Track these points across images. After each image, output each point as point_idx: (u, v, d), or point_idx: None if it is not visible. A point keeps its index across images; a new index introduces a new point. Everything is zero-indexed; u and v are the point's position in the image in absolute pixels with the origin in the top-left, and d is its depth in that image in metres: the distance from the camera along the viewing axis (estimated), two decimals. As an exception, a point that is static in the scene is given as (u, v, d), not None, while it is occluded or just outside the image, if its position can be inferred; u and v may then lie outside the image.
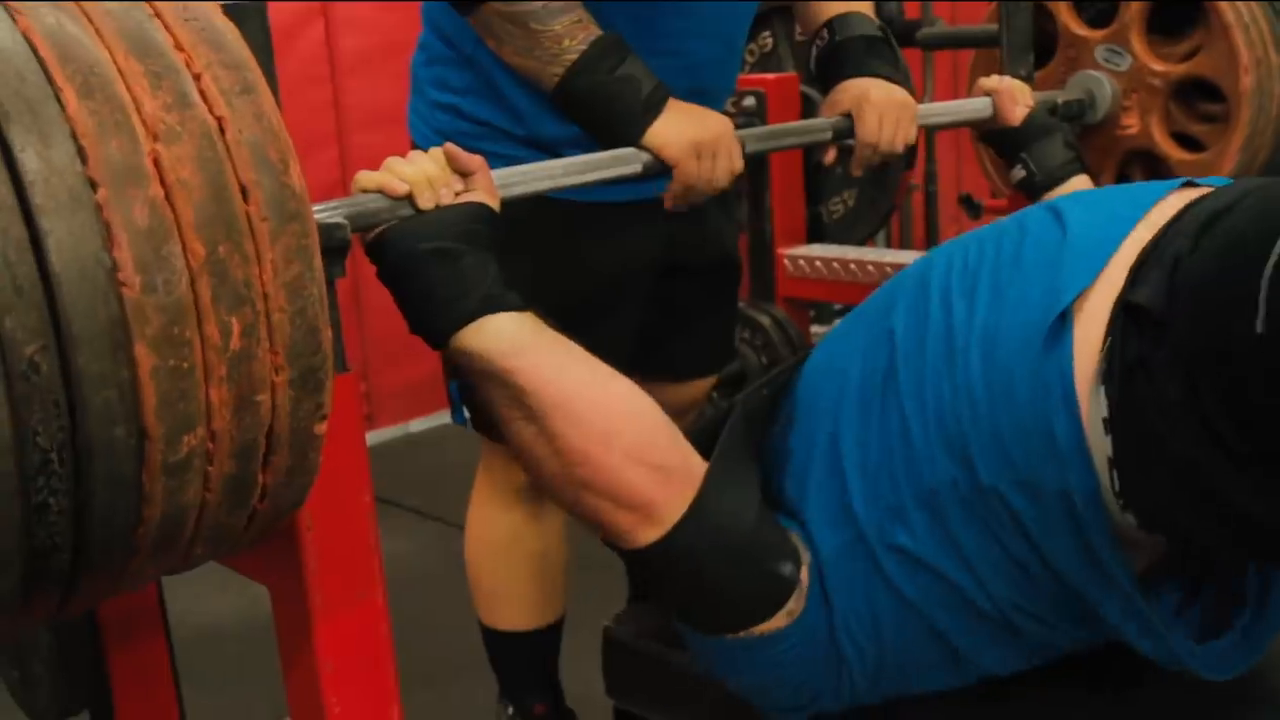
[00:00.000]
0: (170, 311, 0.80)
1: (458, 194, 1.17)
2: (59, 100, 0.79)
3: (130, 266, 0.79)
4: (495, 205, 1.20)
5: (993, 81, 1.72)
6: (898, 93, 1.58)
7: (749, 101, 2.18)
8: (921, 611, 1.14)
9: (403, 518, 3.28)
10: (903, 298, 1.21)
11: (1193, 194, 1.13)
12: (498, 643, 1.81)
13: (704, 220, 1.72)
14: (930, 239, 3.33)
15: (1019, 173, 1.70)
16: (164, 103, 0.82)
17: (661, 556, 1.14)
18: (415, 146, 1.56)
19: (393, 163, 1.17)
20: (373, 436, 3.71)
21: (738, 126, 1.44)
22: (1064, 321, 1.07)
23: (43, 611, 0.87)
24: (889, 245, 3.37)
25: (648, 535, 1.13)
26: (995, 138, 1.74)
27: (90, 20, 0.84)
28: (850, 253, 2.16)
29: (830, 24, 1.66)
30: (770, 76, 2.26)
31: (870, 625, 1.16)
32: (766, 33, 2.50)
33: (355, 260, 1.16)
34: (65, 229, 0.77)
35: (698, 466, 1.16)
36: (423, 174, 1.15)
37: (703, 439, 1.21)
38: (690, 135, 1.36)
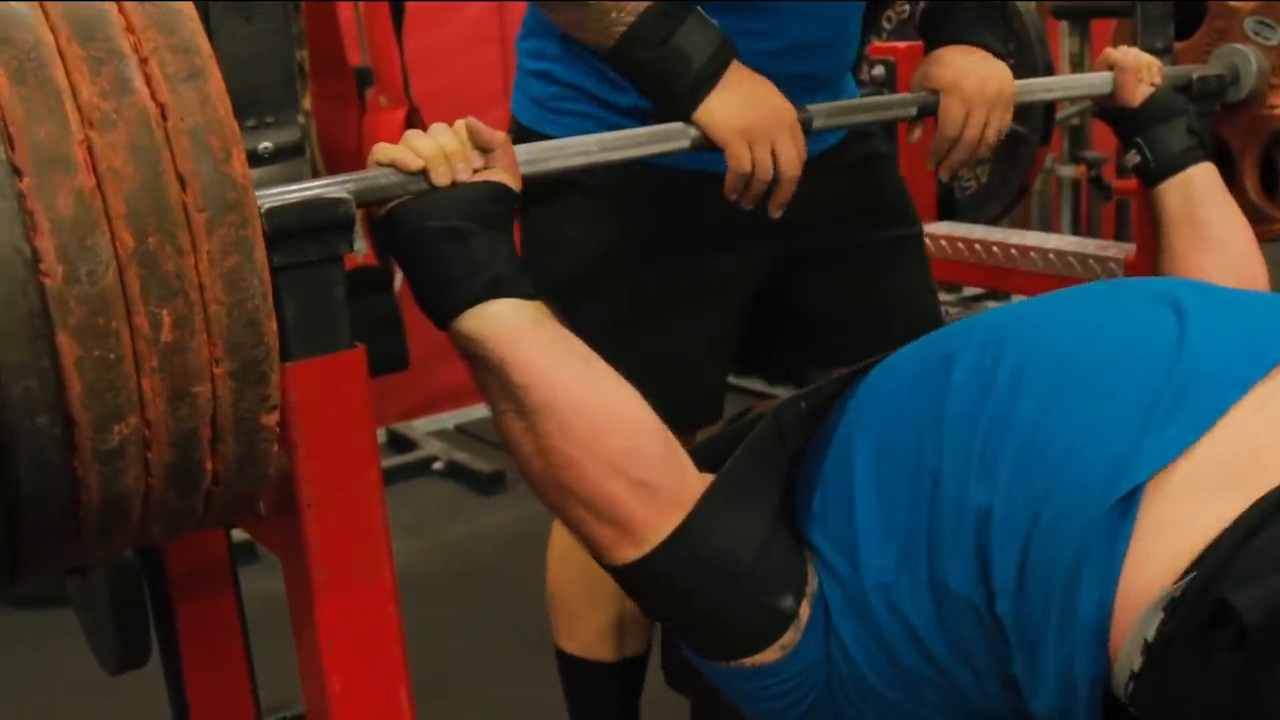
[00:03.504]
0: (94, 302, 0.80)
1: (476, 171, 1.14)
2: (-10, 85, 0.79)
3: (52, 256, 0.78)
4: (515, 184, 1.16)
5: (1118, 54, 1.58)
6: (993, 80, 1.46)
7: (878, 71, 2.08)
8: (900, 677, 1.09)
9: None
10: (970, 352, 1.13)
11: None
12: (571, 669, 1.70)
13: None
14: (1077, 222, 3.14)
15: (1134, 158, 1.57)
16: (102, 89, 0.81)
17: (642, 579, 1.10)
18: (514, 119, 1.54)
19: (411, 136, 1.14)
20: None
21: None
22: (1132, 501, 0.97)
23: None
24: (1024, 226, 3.20)
25: (626, 554, 1.09)
26: (1113, 117, 1.60)
27: (42, 7, 0.83)
28: (980, 232, 2.04)
29: None
30: (901, 45, 2.14)
31: (857, 666, 1.10)
32: (905, -3, 2.38)
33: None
34: (-15, 220, 0.77)
35: (693, 486, 1.11)
36: (440, 149, 1.12)
37: (723, 448, 1.16)
38: (743, 118, 1.28)
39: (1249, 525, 0.93)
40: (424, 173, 1.12)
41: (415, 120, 2.81)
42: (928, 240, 2.05)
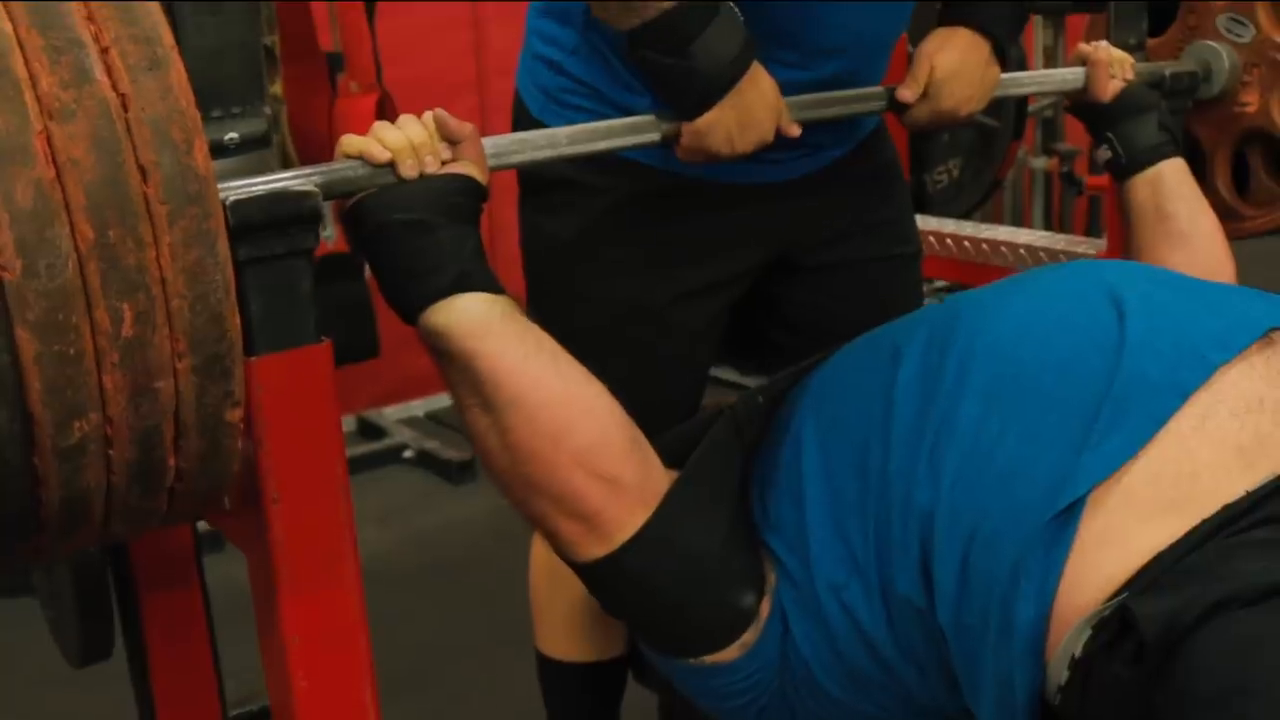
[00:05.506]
0: (54, 297, 0.78)
1: (445, 163, 1.13)
2: (-53, 76, 0.77)
3: (10, 250, 0.77)
4: (483, 176, 1.15)
5: (1090, 49, 1.58)
6: (975, 64, 1.44)
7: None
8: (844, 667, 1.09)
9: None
10: (916, 350, 1.13)
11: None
12: (550, 673, 1.67)
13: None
14: (1049, 216, 3.14)
15: (1104, 153, 1.57)
16: (61, 79, 0.80)
17: (608, 575, 1.10)
18: (518, 99, 1.52)
19: (379, 128, 1.13)
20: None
21: None
22: (1070, 515, 0.97)
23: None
24: (995, 219, 3.19)
25: (593, 551, 1.09)
26: (1085, 112, 1.60)
27: (-3, -8, 0.82)
28: (951, 226, 2.03)
29: None
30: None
31: (812, 662, 1.10)
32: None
33: (490, 205, 1.14)
34: (-61, 212, 0.75)
35: (658, 482, 1.11)
36: (408, 141, 1.11)
37: (684, 443, 1.16)
38: (733, 137, 1.27)
39: (1182, 551, 0.93)
40: (391, 165, 1.11)
41: (387, 107, 2.78)
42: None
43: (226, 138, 1.10)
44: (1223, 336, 1.03)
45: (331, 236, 3.05)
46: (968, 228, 2.00)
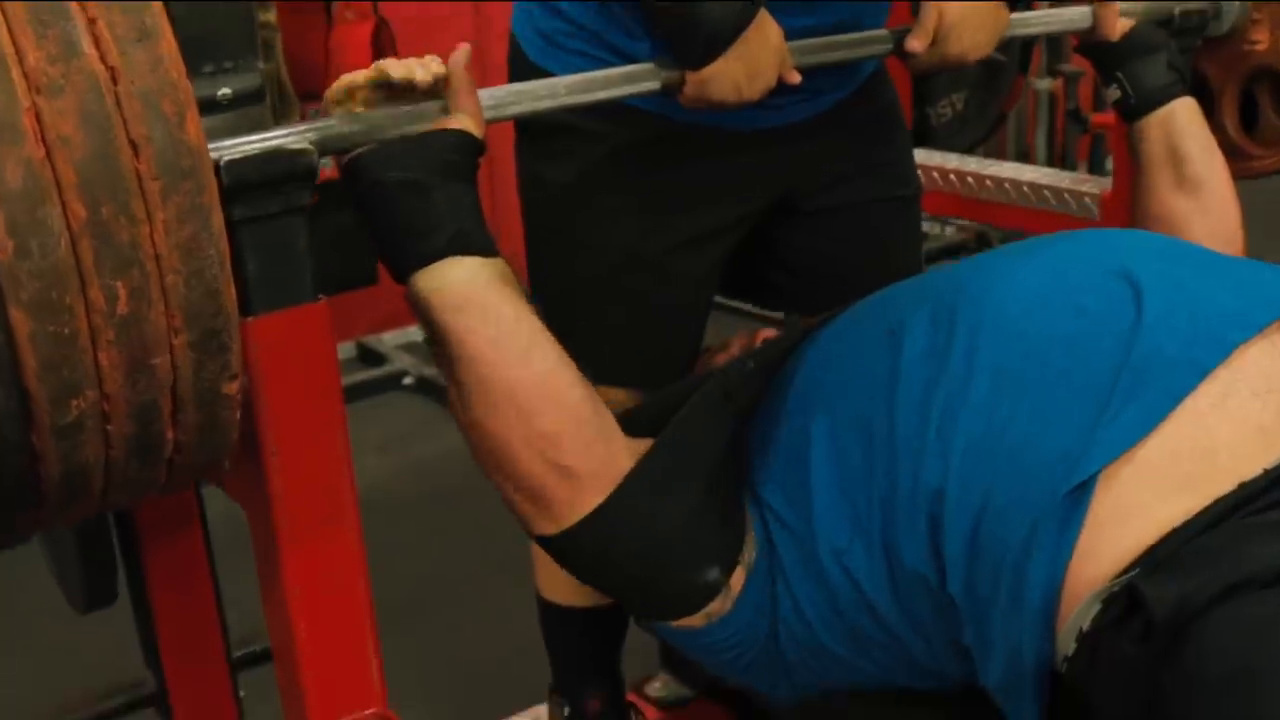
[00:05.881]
0: (47, 276, 0.77)
1: (437, 75, 1.10)
2: (-69, 51, 0.76)
3: (1, 231, 0.76)
4: (479, 130, 1.13)
5: None
6: (982, 10, 1.39)
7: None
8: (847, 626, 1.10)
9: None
10: (922, 323, 1.12)
11: None
12: (551, 618, 1.67)
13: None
14: (1052, 140, 3.09)
15: (1114, 93, 1.54)
16: (49, 53, 0.78)
17: (558, 551, 1.12)
18: (514, 44, 1.49)
19: (371, 69, 1.11)
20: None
21: None
22: (1084, 489, 0.97)
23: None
24: (999, 143, 3.15)
25: (544, 529, 1.11)
26: (1093, 52, 1.57)
27: (-20, -40, 0.80)
28: (955, 162, 2.00)
29: None
30: None
31: (811, 624, 1.11)
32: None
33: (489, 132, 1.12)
34: (-73, 194, 0.74)
35: (619, 467, 1.11)
36: (402, 70, 1.09)
37: (666, 409, 1.16)
38: (739, 85, 1.25)
39: (1196, 528, 0.92)
40: (389, 83, 1.08)
41: (383, 34, 2.74)
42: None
43: (219, 93, 1.08)
44: (1242, 315, 1.02)
45: (327, 163, 3.02)
46: (971, 164, 1.97)
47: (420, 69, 1.08)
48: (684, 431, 1.17)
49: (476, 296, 1.07)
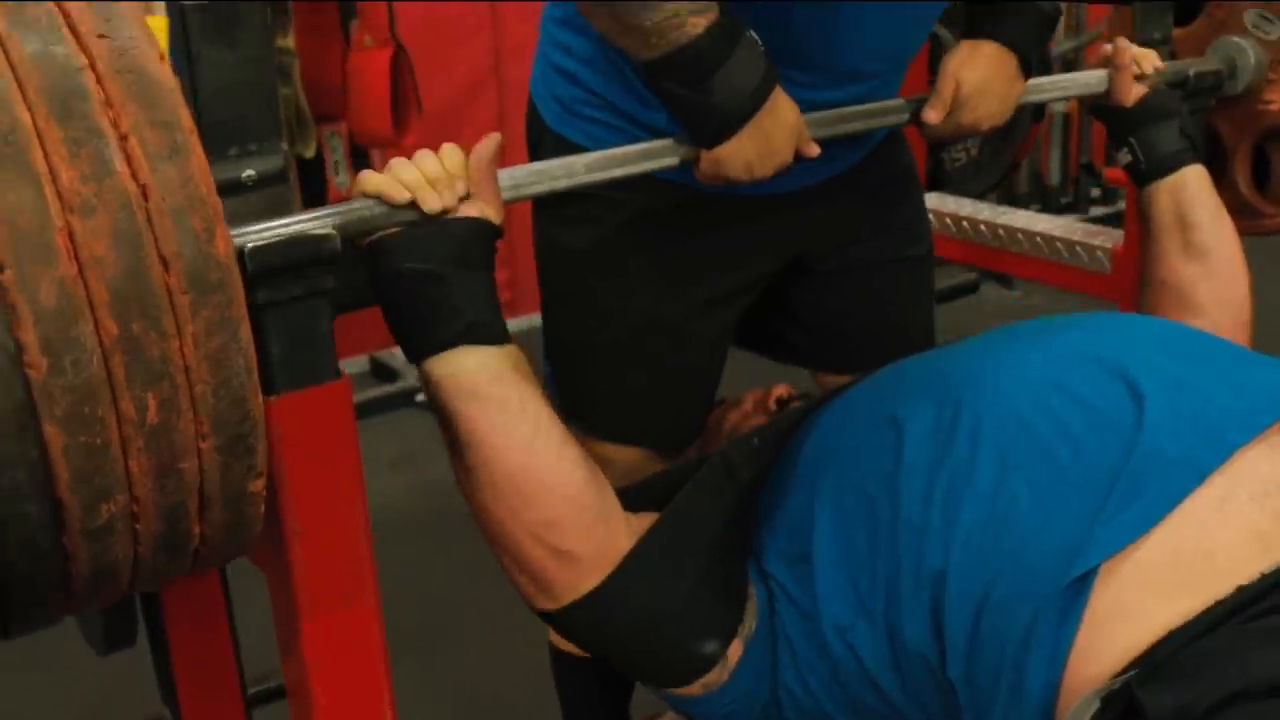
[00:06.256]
0: (80, 391, 0.79)
1: (461, 199, 1.13)
2: (-31, 174, 0.77)
3: (36, 349, 0.78)
4: (498, 215, 1.15)
5: (1114, 51, 1.56)
6: (1001, 80, 1.42)
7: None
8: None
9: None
10: (928, 407, 1.14)
11: None
12: (563, 666, 1.69)
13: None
14: (1066, 161, 3.07)
15: (1125, 157, 1.55)
16: (82, 172, 0.80)
17: (558, 626, 1.17)
18: (533, 109, 1.51)
19: (397, 165, 1.13)
20: (514, 324, 3.71)
21: None
22: (1083, 584, 0.98)
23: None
24: (1012, 203, 3.15)
25: (544, 605, 1.15)
26: (1106, 115, 1.58)
27: (16, 75, 0.81)
28: (969, 208, 2.00)
29: None
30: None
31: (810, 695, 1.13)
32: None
33: (504, 151, 1.14)
34: (-34, 315, 0.76)
35: (619, 549, 1.14)
36: (424, 177, 1.11)
37: (670, 486, 1.20)
38: (752, 165, 1.26)
39: (1195, 631, 0.94)
40: (411, 204, 1.11)
41: (401, 61, 2.76)
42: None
43: (244, 175, 1.09)
44: (1243, 416, 1.04)
45: (344, 183, 3.05)
46: (985, 211, 1.98)
47: (447, 190, 1.10)
48: (686, 509, 1.20)
49: (485, 385, 1.11)
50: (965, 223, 1.96)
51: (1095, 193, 3.84)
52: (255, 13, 1.05)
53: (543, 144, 1.47)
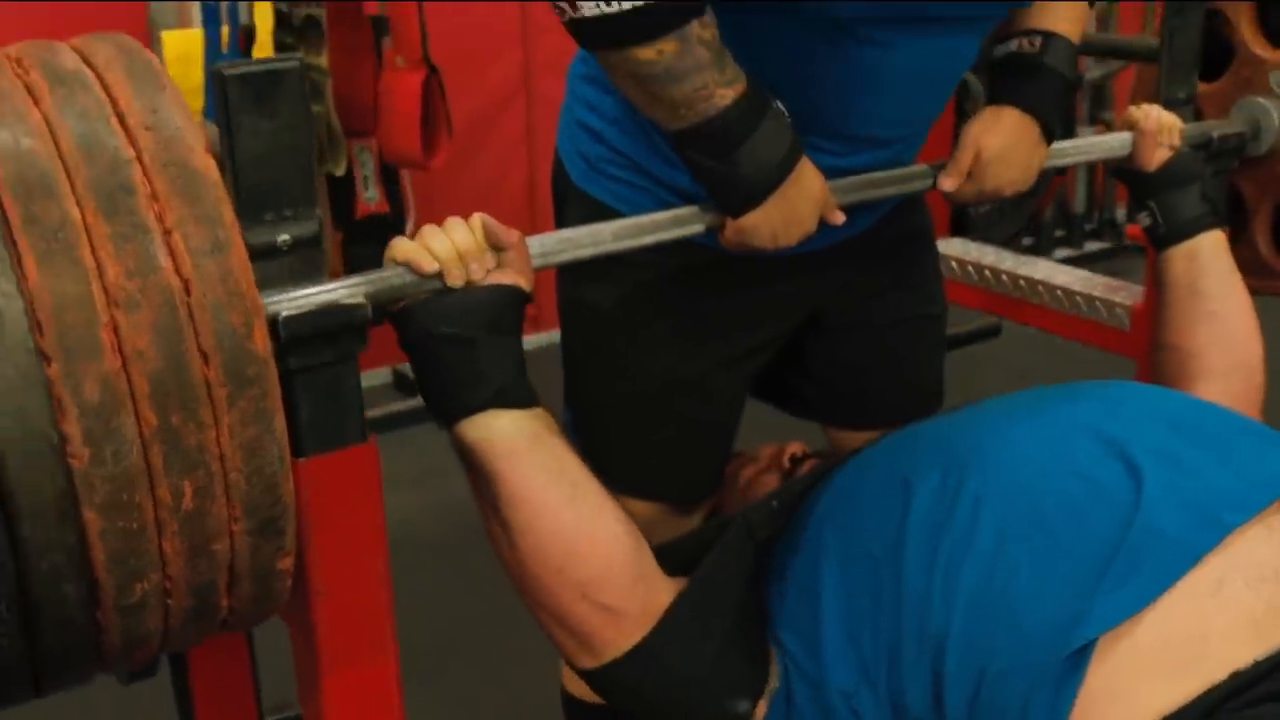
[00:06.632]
0: (119, 480, 0.82)
1: (489, 270, 1.16)
2: (19, 268, 0.80)
3: (78, 440, 0.81)
4: (527, 284, 1.17)
5: (1140, 115, 1.57)
6: (1023, 147, 1.44)
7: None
8: None
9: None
10: (934, 474, 1.16)
11: None
12: (575, 713, 1.69)
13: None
14: (1092, 202, 3.06)
15: (1145, 219, 1.57)
16: (127, 268, 0.82)
17: (597, 682, 1.18)
18: (559, 165, 1.53)
19: (428, 234, 1.15)
20: (537, 339, 3.72)
21: None
22: (1079, 659, 1.00)
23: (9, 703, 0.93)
24: (1038, 230, 3.16)
25: (584, 662, 1.17)
26: (1128, 177, 1.60)
27: (65, 165, 0.84)
28: (991, 257, 2.01)
29: (1024, 33, 1.45)
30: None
31: None
32: None
33: (533, 164, 1.15)
34: (14, 407, 0.79)
35: (659, 604, 1.16)
36: (454, 250, 1.14)
37: (696, 550, 1.22)
38: (777, 234, 1.28)
39: (1189, 717, 0.95)
40: (439, 275, 1.14)
41: (432, 84, 2.78)
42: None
43: (279, 239, 1.12)
44: (1240, 497, 1.05)
45: (374, 198, 3.08)
46: (1007, 260, 1.99)
47: (476, 263, 1.13)
48: (714, 570, 1.22)
49: (524, 445, 1.13)
50: (987, 271, 1.98)
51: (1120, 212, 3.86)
52: (294, 82, 1.07)
53: (568, 200, 1.50)
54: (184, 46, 2.63)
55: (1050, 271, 1.92)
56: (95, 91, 0.89)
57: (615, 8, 1.15)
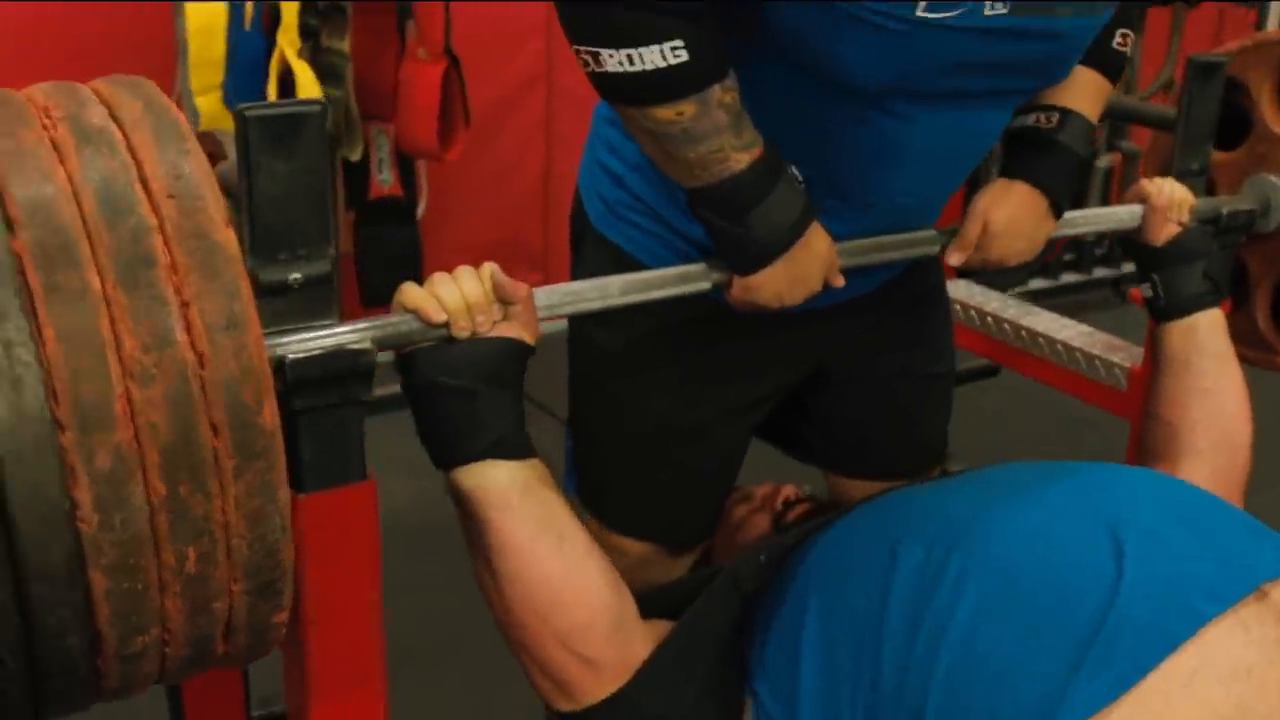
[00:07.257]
0: (126, 545, 0.85)
1: (496, 323, 1.18)
2: (39, 336, 0.82)
3: (89, 506, 0.83)
4: (532, 337, 1.20)
5: (1152, 189, 1.59)
6: (1031, 220, 1.45)
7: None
8: None
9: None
10: (921, 545, 1.18)
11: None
12: None
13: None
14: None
15: (1146, 291, 1.59)
16: (143, 342, 0.85)
17: None
18: (578, 204, 1.54)
19: (437, 283, 1.18)
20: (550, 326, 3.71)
21: None
22: None
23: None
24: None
25: (562, 706, 1.21)
26: (1134, 250, 1.62)
27: (88, 230, 0.86)
28: (994, 304, 2.02)
29: (1043, 108, 1.46)
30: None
31: None
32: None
33: (550, 153, 1.17)
34: (27, 474, 0.82)
35: (637, 656, 1.20)
36: (462, 301, 1.16)
37: (683, 596, 1.25)
38: (783, 294, 1.31)
39: None
40: (445, 325, 1.16)
41: (452, 77, 2.79)
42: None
43: (291, 278, 1.14)
44: (1216, 586, 1.07)
45: (388, 181, 3.09)
46: (1010, 308, 2.01)
47: (482, 315, 1.15)
48: (697, 620, 1.26)
49: (516, 496, 1.17)
50: (989, 318, 2.00)
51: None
52: (314, 126, 1.09)
53: (584, 239, 1.51)
54: (207, 19, 2.62)
55: (1050, 325, 1.94)
56: (121, 154, 0.90)
57: (638, 67, 1.16)
